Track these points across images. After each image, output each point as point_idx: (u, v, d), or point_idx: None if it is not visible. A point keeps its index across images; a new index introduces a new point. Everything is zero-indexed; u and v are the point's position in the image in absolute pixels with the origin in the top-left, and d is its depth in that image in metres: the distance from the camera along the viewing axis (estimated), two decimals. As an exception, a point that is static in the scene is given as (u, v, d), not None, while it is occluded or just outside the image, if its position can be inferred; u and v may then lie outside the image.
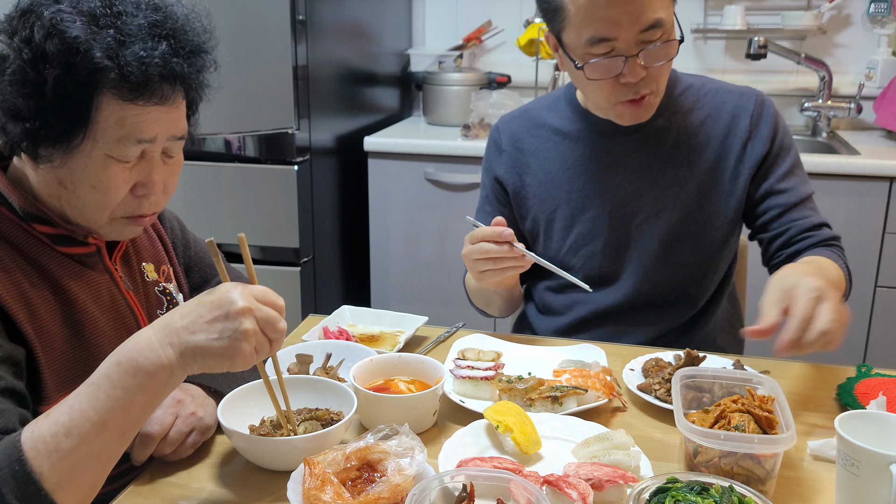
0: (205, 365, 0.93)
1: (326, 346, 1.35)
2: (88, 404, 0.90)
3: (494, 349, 1.37)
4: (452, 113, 3.04)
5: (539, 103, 1.64)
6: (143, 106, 1.01)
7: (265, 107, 2.48)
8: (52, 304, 1.07)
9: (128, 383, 0.90)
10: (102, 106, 1.00)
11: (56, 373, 1.06)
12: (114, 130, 1.01)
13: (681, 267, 1.53)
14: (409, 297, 2.87)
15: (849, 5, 2.98)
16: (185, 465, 1.09)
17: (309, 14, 2.48)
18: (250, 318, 0.92)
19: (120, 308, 1.15)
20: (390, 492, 0.93)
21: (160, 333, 0.93)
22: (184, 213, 2.69)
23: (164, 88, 1.03)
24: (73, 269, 1.11)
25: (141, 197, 1.08)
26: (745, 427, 1.02)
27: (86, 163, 1.02)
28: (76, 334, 1.09)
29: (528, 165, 1.59)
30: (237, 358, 0.92)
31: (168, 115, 1.05)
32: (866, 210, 2.48)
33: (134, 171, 1.06)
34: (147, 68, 0.99)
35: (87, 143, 1.01)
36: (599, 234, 1.54)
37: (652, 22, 1.33)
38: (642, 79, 1.38)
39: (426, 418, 1.17)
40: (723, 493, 0.90)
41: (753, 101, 1.51)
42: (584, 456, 1.05)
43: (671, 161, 1.50)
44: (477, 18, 3.27)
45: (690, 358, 1.29)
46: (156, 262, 1.27)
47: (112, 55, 0.98)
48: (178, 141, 1.10)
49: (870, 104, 2.92)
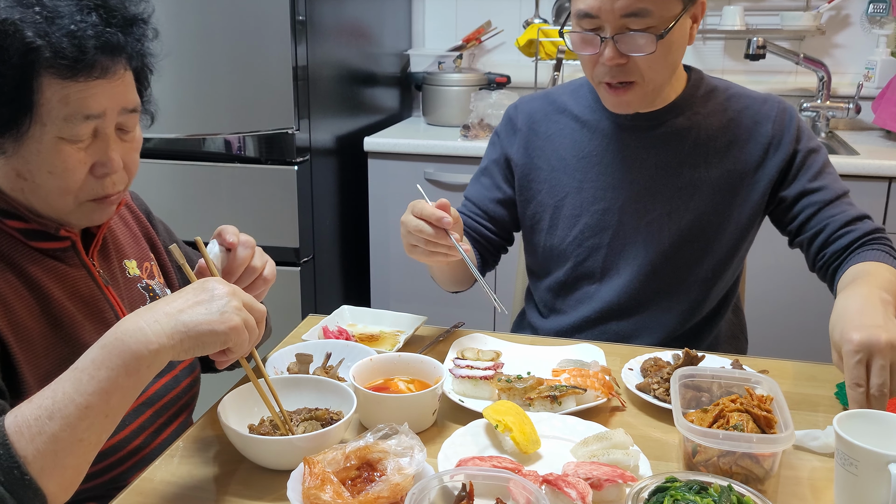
0: (197, 340, 0.92)
1: (326, 346, 1.35)
2: (72, 387, 0.90)
3: (494, 349, 1.37)
4: (452, 113, 3.04)
5: (562, 89, 1.63)
6: (85, 81, 0.99)
7: (265, 107, 2.48)
8: (28, 299, 1.06)
9: (113, 363, 0.90)
10: (43, 87, 0.98)
11: (38, 368, 1.05)
12: (59, 110, 0.99)
13: (688, 270, 1.52)
14: (408, 297, 2.87)
15: (847, 6, 2.98)
16: (186, 465, 1.10)
17: (309, 14, 2.48)
18: (235, 297, 0.95)
19: (98, 303, 1.14)
20: (390, 491, 0.93)
21: (147, 316, 0.92)
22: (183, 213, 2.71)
23: (103, 61, 1.00)
24: (47, 264, 1.09)
25: (102, 177, 1.06)
26: (743, 426, 1.02)
27: (38, 148, 1.01)
28: (55, 330, 1.08)
29: (542, 149, 1.58)
30: (230, 332, 0.93)
31: (114, 88, 1.03)
32: (865, 210, 2.47)
33: (90, 152, 1.04)
34: (80, 42, 0.97)
35: (35, 128, 0.99)
36: (608, 227, 1.52)
37: (634, 10, 1.33)
38: (621, 65, 1.38)
39: (426, 418, 1.17)
40: (721, 492, 0.91)
41: (776, 109, 1.50)
42: (583, 455, 1.05)
43: (688, 161, 1.49)
44: (476, 19, 3.27)
45: (689, 357, 1.29)
46: (138, 258, 1.26)
47: (42, 33, 0.96)
48: (130, 114, 1.07)
49: (868, 104, 2.92)
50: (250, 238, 1.16)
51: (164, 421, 1.22)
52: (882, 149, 2.68)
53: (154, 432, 1.20)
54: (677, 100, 1.50)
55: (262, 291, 1.20)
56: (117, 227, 1.25)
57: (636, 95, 1.43)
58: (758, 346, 1.76)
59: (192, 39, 2.45)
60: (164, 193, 2.58)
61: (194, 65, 2.47)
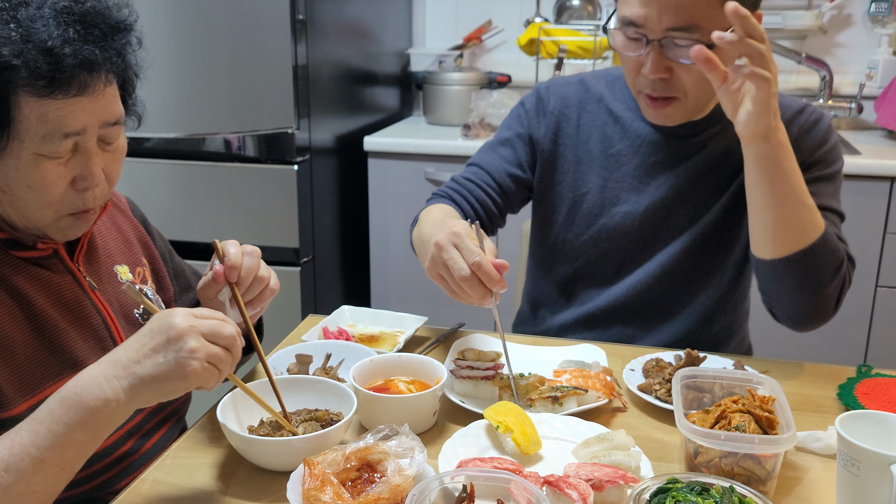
0: (157, 391, 0.92)
1: (326, 347, 1.34)
2: (29, 439, 0.90)
3: (494, 349, 1.37)
4: (453, 113, 3.04)
5: (598, 76, 1.55)
6: (63, 99, 0.96)
7: (265, 106, 2.48)
8: (11, 307, 1.04)
9: (69, 419, 0.90)
10: (21, 105, 0.94)
11: (20, 378, 1.03)
12: (37, 128, 0.96)
13: (704, 277, 1.47)
14: (409, 297, 2.87)
15: (849, 5, 2.98)
16: (184, 466, 1.09)
17: (309, 13, 2.48)
18: (194, 335, 0.91)
19: (84, 308, 1.13)
20: (390, 492, 0.93)
21: (106, 369, 0.92)
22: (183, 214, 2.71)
23: (81, 77, 0.96)
24: (29, 272, 1.08)
25: (83, 191, 1.04)
26: (745, 427, 1.01)
27: (16, 164, 0.98)
28: (38, 337, 1.06)
29: (570, 138, 1.51)
30: (189, 377, 0.91)
31: (94, 104, 0.99)
32: (867, 210, 2.48)
33: (70, 166, 1.01)
34: (57, 60, 0.93)
35: (13, 144, 0.97)
36: (627, 231, 1.48)
37: (681, 24, 1.26)
38: (664, 79, 1.32)
39: (426, 418, 1.17)
40: (723, 493, 0.90)
41: (808, 116, 1.43)
42: (584, 456, 1.05)
43: (715, 170, 1.44)
44: (477, 18, 3.27)
45: (691, 358, 1.28)
46: (130, 263, 1.24)
47: (17, 51, 0.92)
48: (112, 127, 1.04)
49: (870, 104, 2.92)
50: (256, 248, 1.15)
51: (152, 426, 1.22)
52: (884, 148, 2.67)
53: (142, 437, 1.19)
54: (716, 109, 1.43)
55: (266, 304, 1.19)
56: (107, 232, 1.23)
57: (677, 110, 1.38)
58: (760, 346, 1.75)
59: (191, 39, 2.45)
60: (164, 193, 2.58)
61: (194, 64, 2.46)
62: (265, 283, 1.16)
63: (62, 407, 0.90)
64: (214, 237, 1.15)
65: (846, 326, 2.49)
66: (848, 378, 1.31)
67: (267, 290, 1.17)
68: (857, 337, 2.56)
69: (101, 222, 1.21)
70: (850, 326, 2.54)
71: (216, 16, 2.43)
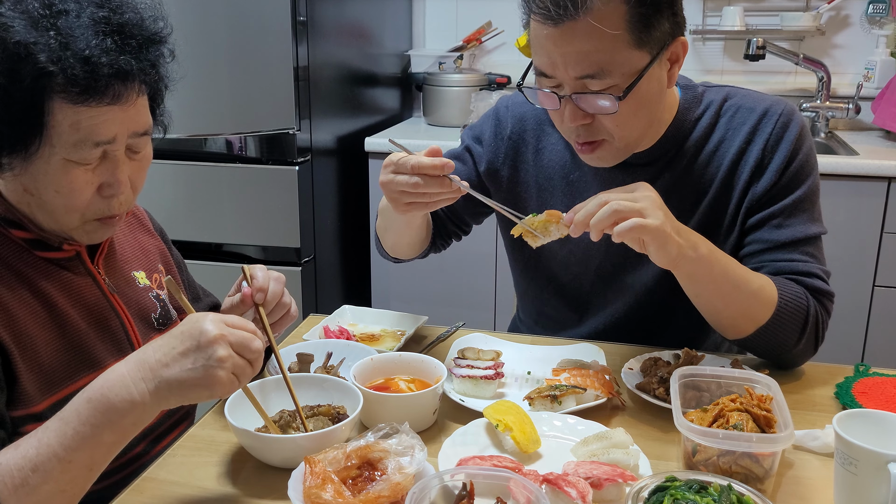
0: (182, 396, 0.92)
1: (327, 346, 1.35)
2: (56, 440, 0.90)
3: (494, 349, 1.38)
4: (452, 114, 3.05)
5: None
6: (97, 107, 0.98)
7: (266, 107, 2.49)
8: (34, 306, 1.06)
9: (97, 420, 0.90)
10: (55, 110, 0.96)
11: (41, 376, 1.04)
12: (69, 135, 0.98)
13: (676, 301, 1.35)
14: (409, 297, 2.88)
15: (847, 6, 2.99)
16: (186, 464, 1.10)
17: (310, 15, 2.48)
18: (223, 344, 0.92)
19: (104, 310, 1.14)
20: (390, 490, 0.93)
21: (133, 369, 0.92)
22: (185, 214, 2.71)
23: (116, 87, 0.99)
24: (51, 272, 1.09)
25: (109, 197, 1.06)
26: (743, 426, 1.02)
27: (45, 168, 1.00)
28: (59, 336, 1.08)
29: (529, 163, 1.48)
30: (215, 386, 0.91)
31: (125, 114, 1.01)
32: (864, 210, 2.48)
33: (97, 172, 1.03)
34: (93, 69, 0.95)
35: (44, 149, 0.98)
36: (594, 256, 1.45)
37: (589, 72, 1.19)
38: (586, 125, 1.26)
39: (426, 417, 1.17)
40: (721, 491, 0.91)
41: (773, 123, 1.33)
42: (583, 454, 1.06)
43: (675, 196, 1.35)
44: (477, 19, 3.27)
45: (689, 357, 1.29)
46: (147, 269, 1.26)
47: (55, 58, 0.94)
48: (141, 137, 1.06)
49: (868, 105, 2.92)
50: (281, 275, 1.20)
51: (165, 429, 1.23)
52: (882, 149, 2.68)
53: (154, 440, 1.20)
54: (667, 134, 1.36)
55: (283, 329, 1.23)
56: (125, 239, 1.25)
57: (608, 152, 1.31)
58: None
59: (193, 40, 2.45)
60: (166, 193, 2.58)
61: (196, 65, 2.47)
62: (287, 309, 1.20)
63: (89, 408, 0.90)
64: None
65: (844, 326, 2.50)
66: (845, 377, 1.32)
67: (288, 315, 1.20)
68: (854, 336, 2.57)
69: (119, 229, 1.23)
70: (848, 326, 2.55)
71: (217, 18, 2.44)
